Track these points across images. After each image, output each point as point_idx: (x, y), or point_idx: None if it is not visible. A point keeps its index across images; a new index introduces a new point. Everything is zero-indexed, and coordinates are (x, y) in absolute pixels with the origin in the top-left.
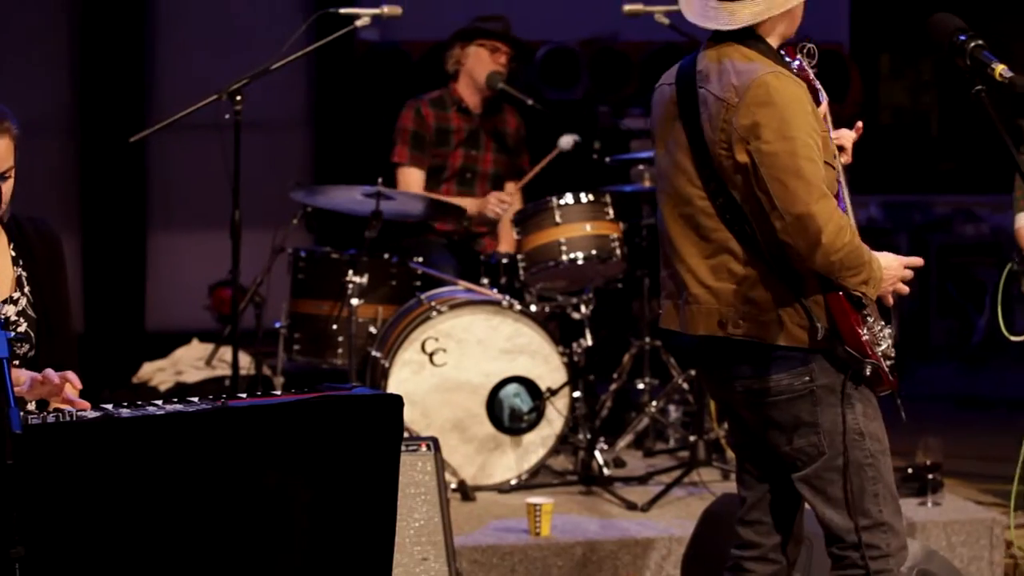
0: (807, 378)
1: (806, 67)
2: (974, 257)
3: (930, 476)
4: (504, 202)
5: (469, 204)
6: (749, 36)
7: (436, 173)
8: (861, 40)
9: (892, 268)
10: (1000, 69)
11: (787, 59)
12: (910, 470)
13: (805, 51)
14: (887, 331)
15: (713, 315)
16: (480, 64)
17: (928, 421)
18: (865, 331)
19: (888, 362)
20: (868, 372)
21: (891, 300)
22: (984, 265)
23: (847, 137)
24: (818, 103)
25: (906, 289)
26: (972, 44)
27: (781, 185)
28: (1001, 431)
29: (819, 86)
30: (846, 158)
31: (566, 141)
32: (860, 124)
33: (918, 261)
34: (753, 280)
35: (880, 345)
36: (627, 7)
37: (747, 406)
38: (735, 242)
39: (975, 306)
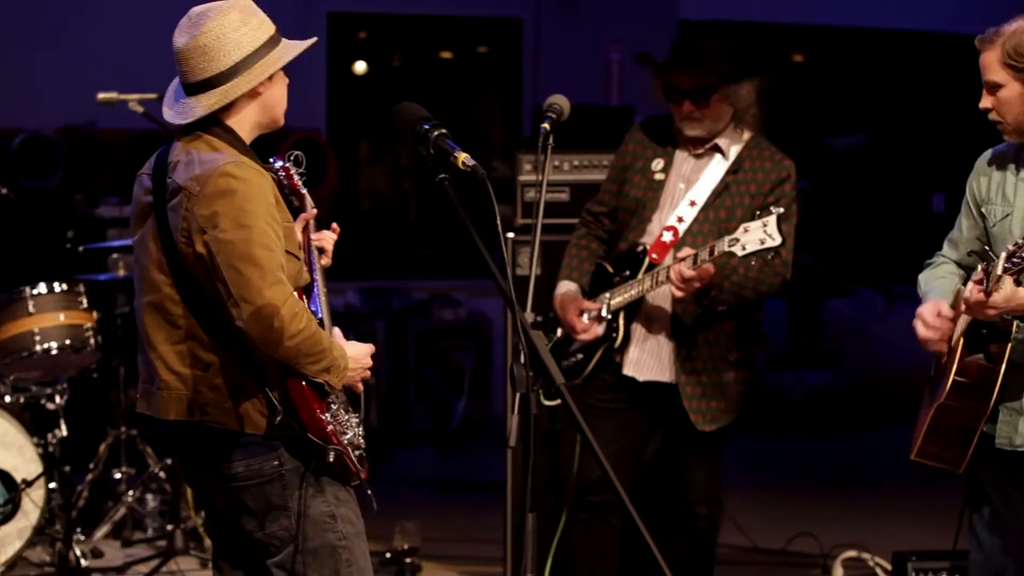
0: (276, 462)
1: (293, 174)
2: (452, 341)
3: (408, 560)
4: None
5: None
6: (218, 127)
7: None
8: (339, 126)
9: (359, 358)
10: (463, 158)
11: (272, 161)
12: (388, 555)
13: (292, 158)
14: (355, 420)
15: (183, 401)
16: None
17: (407, 505)
18: (329, 418)
19: (357, 452)
20: (332, 458)
21: (360, 388)
22: (462, 349)
23: (328, 239)
24: (304, 210)
25: (369, 375)
26: (436, 133)
27: (236, 272)
28: (479, 513)
29: (304, 192)
30: (326, 260)
31: None
32: (336, 225)
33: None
34: (218, 367)
35: (347, 434)
36: (101, 95)
37: (220, 492)
38: (200, 329)
39: (453, 390)
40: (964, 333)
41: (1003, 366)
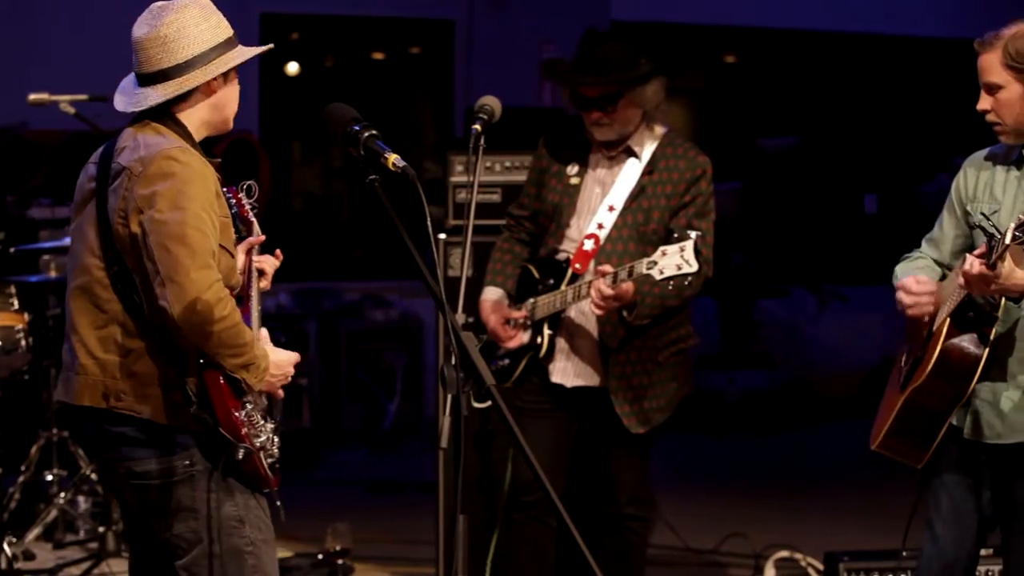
0: (187, 462)
1: (244, 203)
2: (384, 342)
3: (340, 561)
4: None
5: None
6: (169, 119)
7: None
8: (271, 127)
9: (283, 364)
10: (393, 159)
11: (225, 192)
12: (320, 556)
13: (245, 188)
14: (269, 427)
15: (98, 387)
16: None
17: (339, 506)
18: (243, 417)
19: (269, 459)
20: (240, 456)
21: (281, 394)
22: (394, 350)
23: (269, 263)
24: (251, 234)
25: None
26: (366, 134)
27: (165, 251)
28: (412, 514)
29: (254, 220)
30: (265, 283)
31: None
32: (279, 252)
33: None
34: (138, 353)
35: (260, 437)
36: (32, 96)
37: (130, 489)
38: (125, 314)
39: (385, 391)
40: (950, 315)
41: (987, 349)
